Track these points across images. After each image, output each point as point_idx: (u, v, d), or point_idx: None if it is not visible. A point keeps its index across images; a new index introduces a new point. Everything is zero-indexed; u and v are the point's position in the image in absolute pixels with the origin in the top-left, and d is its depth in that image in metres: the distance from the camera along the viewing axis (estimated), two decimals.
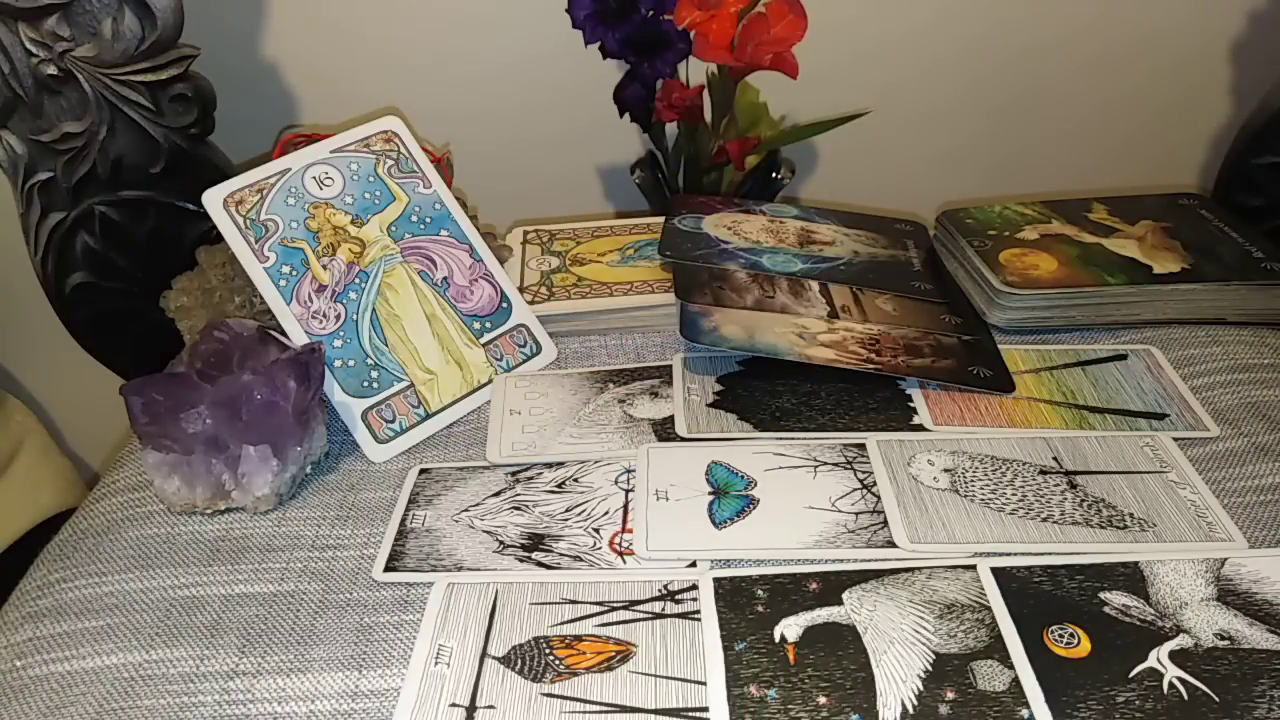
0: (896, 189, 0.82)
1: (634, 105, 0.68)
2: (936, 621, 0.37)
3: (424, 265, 0.55)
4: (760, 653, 0.36)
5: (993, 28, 0.78)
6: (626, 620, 0.39)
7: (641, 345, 0.57)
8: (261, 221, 0.53)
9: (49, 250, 0.66)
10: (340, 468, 0.50)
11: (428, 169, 0.58)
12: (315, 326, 0.52)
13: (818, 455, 0.46)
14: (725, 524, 0.42)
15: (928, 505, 0.42)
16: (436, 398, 0.52)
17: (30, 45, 0.60)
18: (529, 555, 0.42)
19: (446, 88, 0.78)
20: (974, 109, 0.82)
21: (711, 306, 0.53)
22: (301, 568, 0.43)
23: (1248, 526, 0.41)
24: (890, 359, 0.50)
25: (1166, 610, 0.37)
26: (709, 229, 0.59)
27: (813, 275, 0.55)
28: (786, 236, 0.59)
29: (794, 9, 0.60)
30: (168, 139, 0.64)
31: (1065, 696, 0.34)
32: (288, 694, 0.37)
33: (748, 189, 0.71)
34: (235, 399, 0.44)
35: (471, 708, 0.35)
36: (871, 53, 0.78)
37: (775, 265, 0.55)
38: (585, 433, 0.49)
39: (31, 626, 0.42)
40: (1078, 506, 0.42)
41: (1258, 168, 0.72)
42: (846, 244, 0.59)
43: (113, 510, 0.48)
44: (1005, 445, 0.46)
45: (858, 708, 0.34)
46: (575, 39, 0.64)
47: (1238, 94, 0.82)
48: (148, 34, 0.60)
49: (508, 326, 0.56)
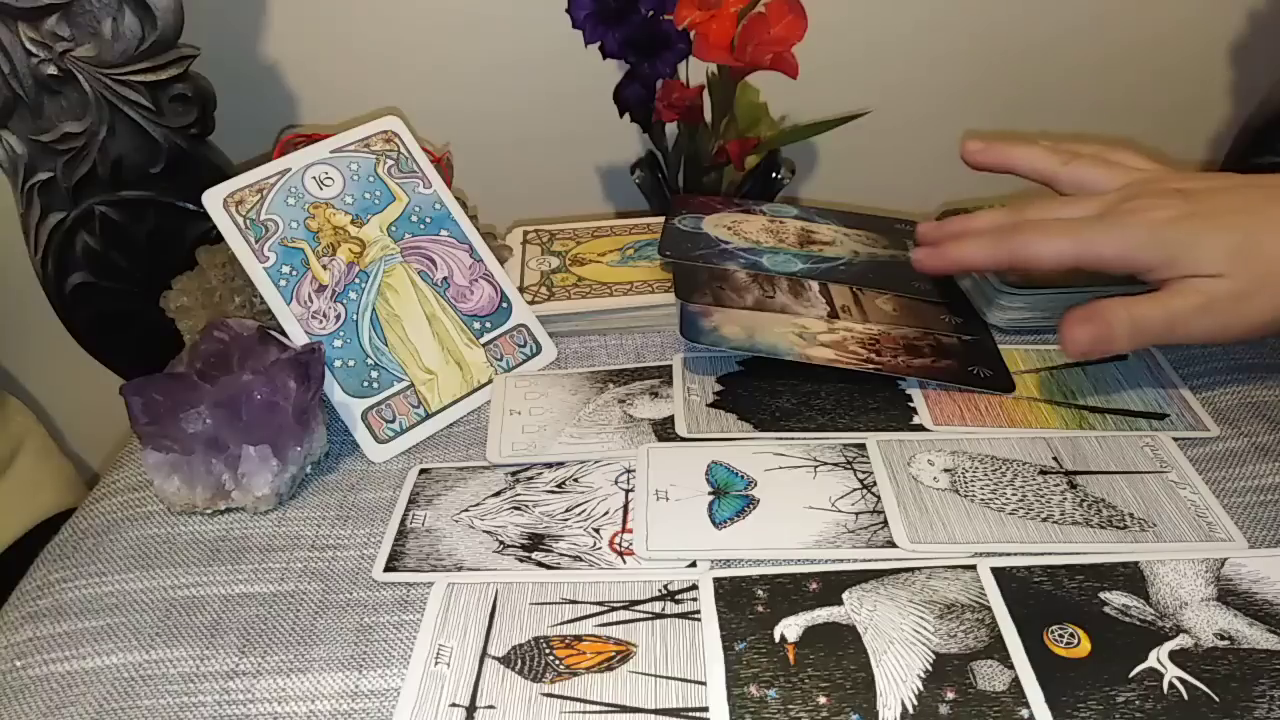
0: (897, 189, 0.82)
1: (634, 105, 0.68)
2: (936, 621, 0.37)
3: (424, 265, 0.55)
4: (760, 653, 0.36)
5: (993, 28, 0.78)
6: (626, 620, 0.39)
7: (641, 345, 0.57)
8: (261, 221, 0.53)
9: (49, 250, 0.66)
10: (340, 468, 0.50)
11: (428, 169, 0.58)
12: (315, 326, 0.52)
13: (818, 455, 0.46)
14: (725, 524, 0.42)
15: (928, 505, 0.42)
16: (436, 398, 0.52)
17: (30, 45, 0.60)
18: (529, 555, 0.42)
19: (446, 88, 0.78)
20: (974, 109, 0.82)
21: (711, 306, 0.53)
22: (301, 568, 0.43)
23: (1248, 526, 0.41)
24: (890, 359, 0.50)
25: (1166, 610, 0.37)
26: (709, 229, 0.59)
27: (813, 275, 0.55)
28: (787, 236, 0.59)
29: (794, 9, 0.60)
30: (168, 139, 0.64)
31: (1065, 696, 0.34)
32: (288, 694, 0.37)
33: (748, 189, 0.71)
34: (235, 399, 0.44)
35: (471, 708, 0.35)
36: (871, 53, 0.78)
37: (775, 265, 0.55)
38: (585, 433, 0.49)
39: (31, 626, 0.42)
40: (1078, 506, 0.42)
41: (1258, 168, 0.72)
42: (847, 244, 0.59)
43: (113, 510, 0.48)
44: (1005, 445, 0.46)
45: (858, 708, 0.34)
46: (575, 39, 0.64)
47: (1238, 94, 0.82)
48: (148, 34, 0.60)
49: (508, 326, 0.56)
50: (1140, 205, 0.44)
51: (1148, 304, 0.43)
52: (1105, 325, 0.43)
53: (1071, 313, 0.45)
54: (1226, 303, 0.42)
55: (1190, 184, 0.45)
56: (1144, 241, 0.43)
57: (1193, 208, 0.43)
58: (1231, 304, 0.42)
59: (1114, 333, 0.43)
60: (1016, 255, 0.46)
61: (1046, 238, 0.45)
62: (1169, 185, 0.45)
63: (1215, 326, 0.43)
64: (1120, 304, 0.43)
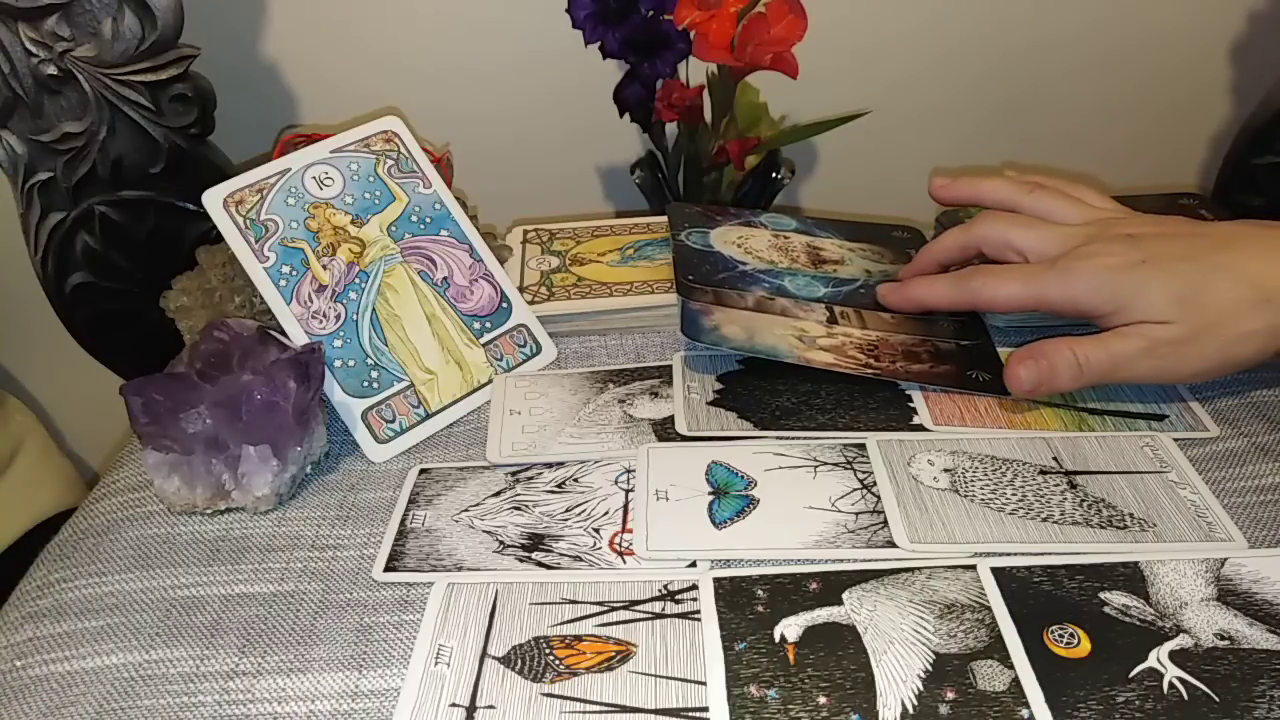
0: (897, 189, 0.82)
1: (634, 105, 0.68)
2: (936, 621, 0.37)
3: (424, 265, 0.55)
4: (760, 653, 0.36)
5: (993, 27, 0.78)
6: (626, 620, 0.39)
7: (641, 345, 0.57)
8: (261, 221, 0.53)
9: (49, 250, 0.66)
10: (340, 468, 0.50)
11: (428, 169, 0.58)
12: (315, 326, 0.52)
13: (818, 455, 0.46)
14: (725, 524, 0.42)
15: (928, 505, 0.42)
16: (436, 398, 0.52)
17: (30, 45, 0.60)
18: (529, 555, 0.42)
19: (446, 88, 0.78)
20: (974, 109, 0.82)
21: (712, 305, 0.52)
22: (301, 568, 0.43)
23: (1248, 526, 0.41)
24: (889, 364, 0.50)
25: (1166, 610, 0.37)
26: (718, 245, 0.59)
27: (837, 300, 0.54)
28: (797, 255, 0.58)
29: (794, 9, 0.60)
30: (168, 139, 0.64)
31: (1065, 696, 0.34)
32: (288, 694, 0.37)
33: (748, 189, 0.71)
34: (235, 399, 0.44)
35: (471, 708, 0.35)
36: (871, 52, 0.78)
37: (799, 289, 0.55)
38: (585, 433, 0.49)
39: (31, 626, 0.42)
40: (1078, 506, 0.42)
41: (1258, 168, 0.72)
42: (856, 261, 0.58)
43: (113, 510, 0.48)
44: (1005, 445, 0.46)
45: (858, 708, 0.34)
46: (575, 39, 0.64)
47: (1238, 94, 0.82)
48: (148, 34, 0.60)
49: (508, 326, 0.56)
50: (1091, 251, 0.45)
51: (1092, 345, 0.45)
52: (1049, 366, 0.45)
53: (1016, 351, 0.46)
54: (1169, 348, 0.43)
55: (1141, 228, 0.46)
56: (1093, 289, 0.44)
57: (1141, 255, 0.44)
58: (1174, 349, 0.43)
59: (1057, 373, 0.45)
60: (975, 298, 0.49)
61: (1001, 282, 0.47)
62: (1120, 230, 0.46)
63: (1158, 370, 0.44)
64: (1065, 344, 0.45)
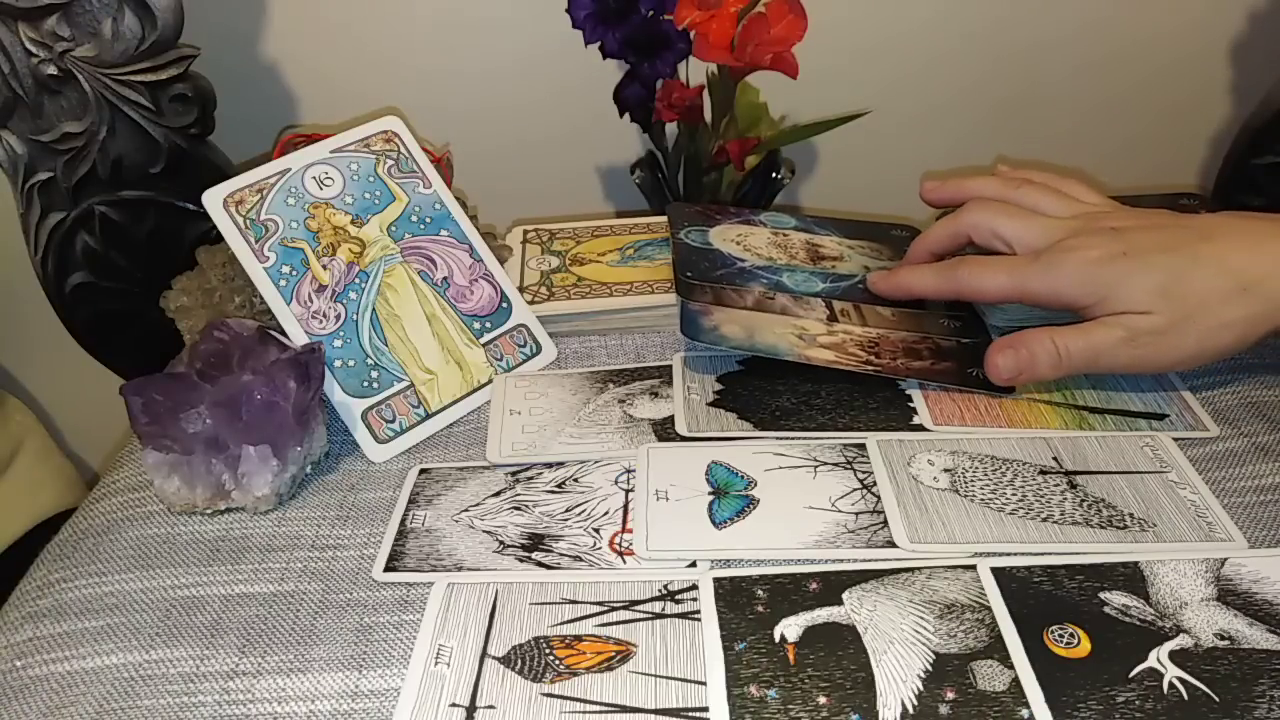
0: (897, 189, 0.82)
1: (634, 105, 0.68)
2: (936, 621, 0.37)
3: (424, 265, 0.55)
4: (760, 653, 0.36)
5: (993, 27, 0.78)
6: (626, 620, 0.39)
7: (641, 345, 0.57)
8: (261, 221, 0.53)
9: (49, 250, 0.66)
10: (340, 468, 0.50)
11: (428, 169, 0.58)
12: (315, 326, 0.52)
13: (818, 455, 0.46)
14: (725, 524, 0.42)
15: (928, 505, 0.42)
16: (436, 398, 0.52)
17: (30, 45, 0.60)
18: (529, 555, 0.42)
19: (446, 88, 0.78)
20: (974, 109, 0.82)
21: (712, 305, 0.52)
22: (301, 568, 0.43)
23: (1248, 526, 0.41)
24: (890, 361, 0.50)
25: (1166, 610, 0.37)
26: (717, 243, 0.59)
27: (835, 295, 0.54)
28: (796, 252, 0.58)
29: (794, 9, 0.60)
30: (168, 139, 0.64)
31: (1065, 696, 0.34)
32: (288, 694, 0.37)
33: (748, 189, 0.71)
34: (235, 399, 0.44)
35: (471, 708, 0.35)
36: (871, 52, 0.78)
37: (797, 285, 0.55)
38: (585, 433, 0.49)
39: (31, 626, 0.42)
40: (1078, 506, 0.42)
41: (1258, 168, 0.72)
42: (854, 258, 0.59)
43: (113, 510, 0.48)
44: (1005, 445, 0.46)
45: (858, 708, 0.34)
46: (575, 39, 0.64)
47: (1238, 94, 0.82)
48: (148, 34, 0.60)
49: (508, 326, 0.56)
50: (1074, 244, 0.46)
51: (1072, 335, 0.45)
52: (1029, 355, 0.46)
53: (997, 340, 0.47)
54: (1149, 337, 0.44)
55: (1125, 222, 0.47)
56: (1075, 281, 0.45)
57: (1123, 247, 0.45)
58: (1154, 339, 0.44)
59: (1037, 361, 0.46)
60: (960, 286, 0.49)
61: (987, 273, 0.48)
62: (1105, 224, 0.47)
63: (1138, 359, 0.45)
64: (1046, 334, 0.46)
